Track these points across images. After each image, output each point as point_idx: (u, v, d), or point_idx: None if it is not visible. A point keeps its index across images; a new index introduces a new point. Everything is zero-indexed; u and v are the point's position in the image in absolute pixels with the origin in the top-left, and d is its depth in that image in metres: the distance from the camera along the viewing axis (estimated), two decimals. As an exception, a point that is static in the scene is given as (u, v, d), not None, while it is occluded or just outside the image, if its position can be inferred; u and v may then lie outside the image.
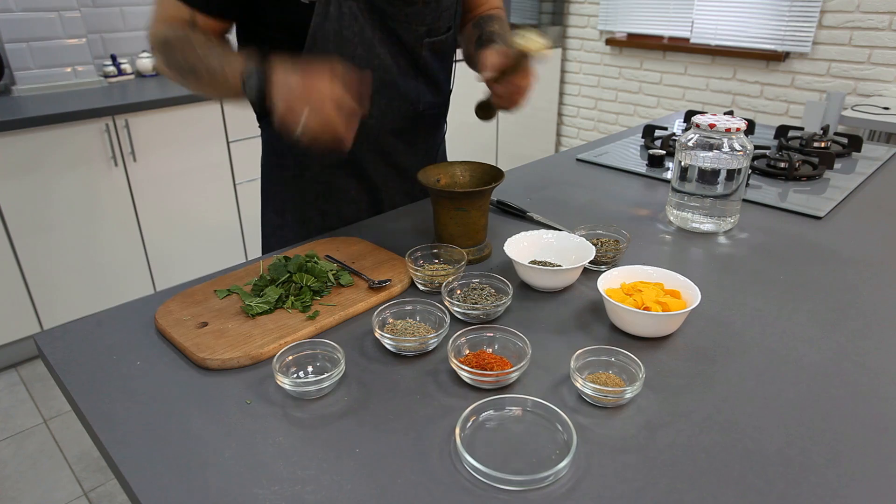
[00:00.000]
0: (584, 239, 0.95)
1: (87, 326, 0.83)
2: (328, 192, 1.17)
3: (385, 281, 0.89)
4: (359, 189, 1.19)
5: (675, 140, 1.57)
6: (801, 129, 1.64)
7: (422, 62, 1.11)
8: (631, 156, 1.55)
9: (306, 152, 1.12)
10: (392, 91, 1.08)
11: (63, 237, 2.34)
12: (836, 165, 1.44)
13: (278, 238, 1.20)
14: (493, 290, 0.86)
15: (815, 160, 1.42)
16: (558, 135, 4.49)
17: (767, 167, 1.40)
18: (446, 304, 0.82)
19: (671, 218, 1.14)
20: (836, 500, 0.56)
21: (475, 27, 1.15)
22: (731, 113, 1.79)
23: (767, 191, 1.29)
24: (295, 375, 0.72)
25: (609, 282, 0.85)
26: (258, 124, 1.19)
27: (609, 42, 3.92)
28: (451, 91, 1.23)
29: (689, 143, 1.07)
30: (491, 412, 0.65)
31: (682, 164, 1.09)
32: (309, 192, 1.17)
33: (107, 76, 2.78)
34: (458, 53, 1.21)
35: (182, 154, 2.55)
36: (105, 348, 0.79)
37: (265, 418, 0.66)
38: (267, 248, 1.24)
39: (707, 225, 1.09)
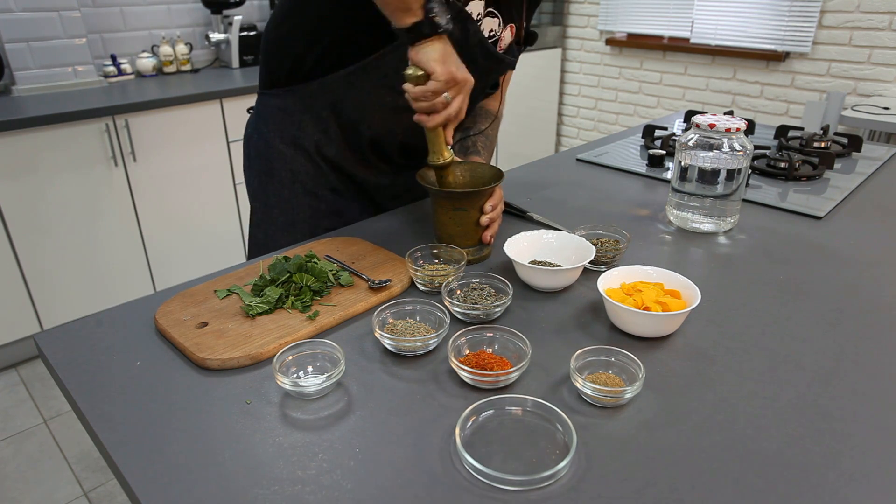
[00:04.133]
0: (584, 239, 0.95)
1: (87, 326, 0.83)
2: (341, 169, 1.15)
3: (385, 281, 0.89)
4: (364, 176, 1.18)
5: (675, 140, 1.57)
6: (801, 129, 1.64)
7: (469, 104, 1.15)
8: (631, 156, 1.55)
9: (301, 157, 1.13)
10: None
11: (63, 237, 2.34)
12: (836, 165, 1.44)
13: (282, 209, 1.16)
14: (493, 290, 0.86)
15: (815, 160, 1.42)
16: (558, 135, 4.49)
17: (767, 167, 1.40)
18: (446, 304, 0.82)
19: (671, 218, 1.14)
20: (836, 500, 0.56)
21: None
22: (731, 113, 1.79)
23: (767, 191, 1.29)
24: (295, 375, 0.72)
25: (609, 282, 0.85)
26: (264, 90, 1.14)
27: (609, 42, 3.92)
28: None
29: (689, 143, 1.07)
30: (491, 412, 0.65)
31: (682, 164, 1.09)
32: (324, 164, 1.14)
33: (107, 76, 2.78)
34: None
35: (182, 154, 2.55)
36: (105, 348, 0.78)
37: (265, 418, 0.66)
38: (266, 223, 1.18)
39: (707, 225, 1.09)
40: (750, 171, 1.33)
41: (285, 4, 1.08)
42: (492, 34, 1.06)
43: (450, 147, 0.96)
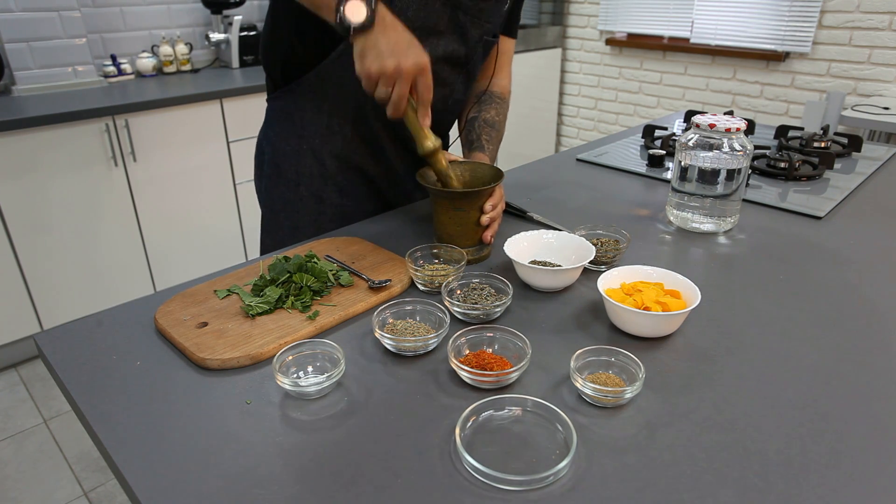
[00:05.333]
0: (584, 239, 0.95)
1: (87, 326, 0.83)
2: (346, 169, 1.15)
3: (385, 281, 0.89)
4: (374, 170, 1.18)
5: (675, 140, 1.57)
6: (801, 129, 1.64)
7: (472, 59, 1.12)
8: (631, 156, 1.55)
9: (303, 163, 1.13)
10: (434, 78, 1.04)
11: (63, 237, 2.34)
12: (836, 165, 1.44)
13: (288, 214, 1.17)
14: (493, 290, 0.86)
15: (815, 160, 1.42)
16: (558, 135, 4.49)
17: (767, 167, 1.40)
18: (446, 304, 0.82)
19: (671, 218, 1.14)
20: (836, 500, 0.56)
21: (482, 119, 1.19)
22: (731, 113, 1.79)
23: (767, 191, 1.29)
24: (295, 375, 0.72)
25: (609, 282, 0.85)
26: (269, 96, 1.15)
27: (609, 42, 3.92)
28: (468, 93, 1.22)
29: (689, 144, 1.07)
30: (491, 412, 0.65)
31: (682, 164, 1.09)
32: (329, 165, 1.14)
33: (107, 76, 2.78)
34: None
35: (182, 154, 2.55)
36: (105, 348, 0.78)
37: (265, 418, 0.66)
38: (272, 228, 1.20)
39: (707, 225, 1.09)
40: (750, 171, 1.33)
41: (271, 5, 1.09)
42: None
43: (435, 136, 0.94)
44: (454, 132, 1.27)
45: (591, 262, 0.94)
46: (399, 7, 0.96)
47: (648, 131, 1.65)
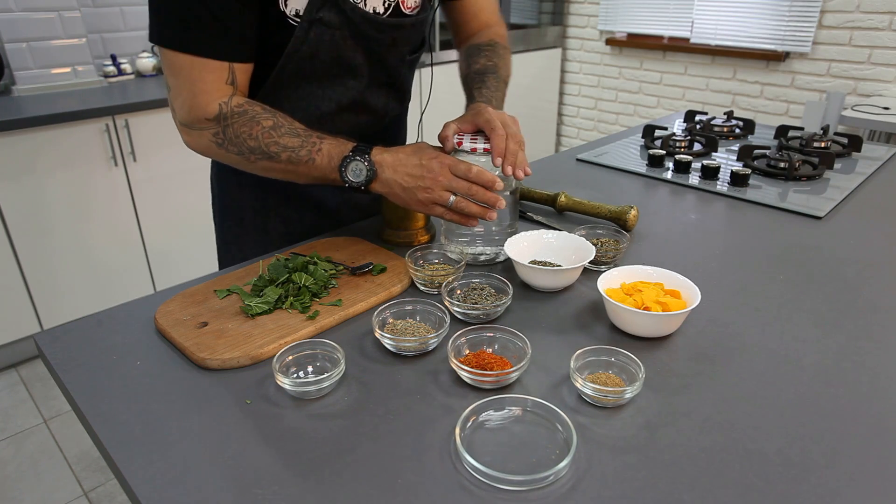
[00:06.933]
0: (584, 239, 0.95)
1: (87, 326, 0.83)
2: (289, 198, 1.13)
3: (367, 265, 0.91)
4: (321, 193, 1.15)
5: (675, 140, 1.57)
6: (801, 129, 1.64)
7: (399, 79, 1.11)
8: (631, 156, 1.55)
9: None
10: (360, 106, 1.07)
11: (63, 237, 2.34)
12: (836, 165, 1.44)
13: (239, 247, 1.16)
14: (493, 290, 0.86)
15: (815, 160, 1.42)
16: (558, 135, 4.49)
17: (767, 167, 1.40)
18: (446, 304, 0.82)
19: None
20: (836, 500, 0.56)
21: (472, 73, 1.13)
22: (730, 113, 1.79)
23: (767, 191, 1.29)
24: (295, 375, 0.72)
25: (609, 282, 0.85)
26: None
27: (609, 42, 3.92)
28: (410, 96, 1.22)
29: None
30: (491, 412, 0.65)
31: None
32: (270, 198, 1.13)
33: (107, 76, 2.78)
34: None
35: (182, 154, 2.55)
36: (105, 348, 0.78)
37: (265, 418, 0.66)
38: (226, 260, 1.19)
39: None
40: (750, 171, 1.33)
41: None
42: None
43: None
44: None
45: (591, 262, 0.94)
46: (312, 50, 0.94)
47: (648, 131, 1.65)
